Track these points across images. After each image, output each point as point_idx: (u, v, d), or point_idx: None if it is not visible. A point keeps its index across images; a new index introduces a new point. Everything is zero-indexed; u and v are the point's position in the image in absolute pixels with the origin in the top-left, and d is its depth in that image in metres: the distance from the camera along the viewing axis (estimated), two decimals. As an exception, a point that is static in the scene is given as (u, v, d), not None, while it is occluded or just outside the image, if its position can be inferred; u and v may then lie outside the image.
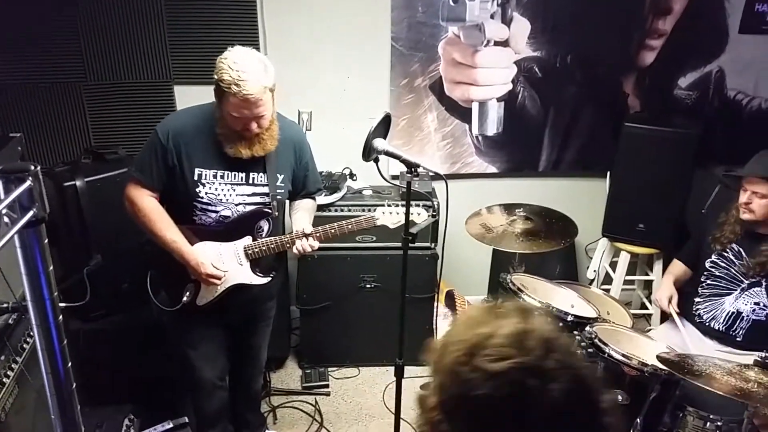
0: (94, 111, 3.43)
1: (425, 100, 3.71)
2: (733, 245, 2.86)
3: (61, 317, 1.10)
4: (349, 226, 2.51)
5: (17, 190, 0.96)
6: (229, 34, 3.38)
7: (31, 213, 0.99)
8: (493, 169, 3.93)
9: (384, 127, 2.35)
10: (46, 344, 1.08)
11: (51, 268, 1.06)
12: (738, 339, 2.82)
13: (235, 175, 2.41)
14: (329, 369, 3.68)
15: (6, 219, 0.96)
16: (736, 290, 2.84)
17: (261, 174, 2.44)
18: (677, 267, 3.15)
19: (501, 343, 0.96)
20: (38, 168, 1.02)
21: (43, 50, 3.26)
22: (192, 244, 2.41)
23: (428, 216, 2.54)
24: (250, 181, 2.43)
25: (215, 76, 2.23)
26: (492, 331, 0.98)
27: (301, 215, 2.59)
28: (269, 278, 2.58)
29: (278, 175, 2.47)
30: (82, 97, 3.38)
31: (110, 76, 3.39)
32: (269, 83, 2.24)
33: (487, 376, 0.94)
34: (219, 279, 2.42)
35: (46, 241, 1.06)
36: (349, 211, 3.40)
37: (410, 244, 2.38)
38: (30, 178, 0.98)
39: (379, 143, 2.29)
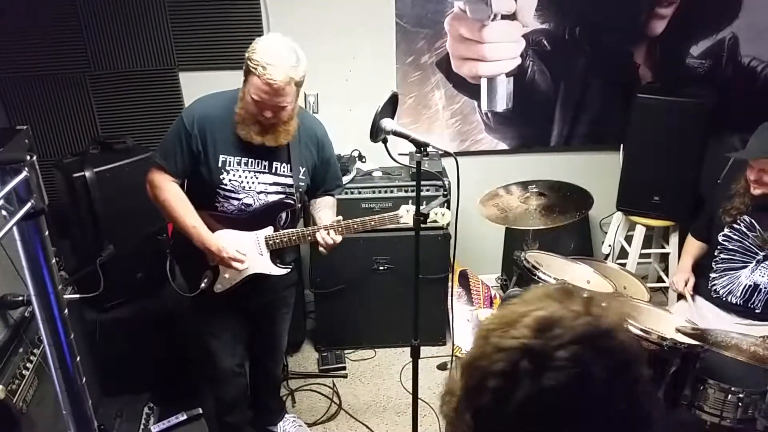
0: (99, 100, 3.41)
1: (432, 77, 3.65)
2: (745, 217, 2.80)
3: (66, 311, 1.07)
4: (372, 223, 2.48)
5: (12, 181, 0.94)
6: (233, 17, 3.35)
7: (29, 205, 0.97)
8: (503, 146, 3.88)
9: (391, 106, 2.30)
10: (53, 339, 1.05)
11: (54, 260, 1.04)
12: (757, 311, 2.77)
13: (258, 162, 2.38)
14: (345, 351, 3.68)
15: (3, 212, 0.94)
16: (751, 263, 2.79)
17: (284, 164, 2.42)
18: (694, 246, 3.09)
19: (526, 324, 0.91)
20: (34, 158, 0.98)
21: (45, 41, 3.24)
22: (213, 231, 2.39)
23: (443, 199, 2.51)
24: (273, 170, 2.41)
25: (247, 54, 2.19)
26: (526, 311, 0.93)
27: (326, 213, 2.56)
28: (288, 269, 2.56)
29: (300, 167, 2.45)
30: (87, 86, 3.37)
31: (114, 64, 3.36)
32: (297, 76, 2.19)
33: (494, 350, 0.91)
34: (241, 262, 2.39)
35: (47, 233, 1.03)
36: (360, 193, 3.39)
37: (422, 225, 2.35)
38: (26, 168, 0.95)
39: (386, 123, 2.23)
